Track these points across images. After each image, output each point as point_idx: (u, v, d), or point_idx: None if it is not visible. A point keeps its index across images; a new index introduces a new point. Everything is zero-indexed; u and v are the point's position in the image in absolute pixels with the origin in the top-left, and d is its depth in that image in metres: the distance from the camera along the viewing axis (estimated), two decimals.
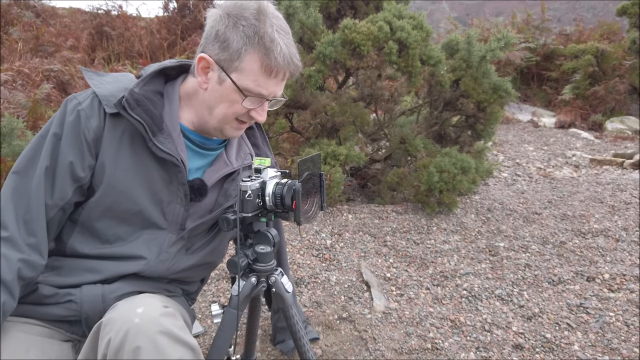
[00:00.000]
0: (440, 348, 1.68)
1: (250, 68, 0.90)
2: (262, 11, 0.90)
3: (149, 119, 0.91)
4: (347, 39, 2.60)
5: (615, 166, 4.36)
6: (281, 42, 0.90)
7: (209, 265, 1.16)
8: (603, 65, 6.55)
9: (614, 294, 2.06)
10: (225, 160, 1.06)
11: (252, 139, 1.16)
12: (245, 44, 0.89)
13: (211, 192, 1.04)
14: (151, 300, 0.86)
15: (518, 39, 6.51)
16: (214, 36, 0.91)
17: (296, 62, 0.94)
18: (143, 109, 0.91)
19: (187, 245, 1.04)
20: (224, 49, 0.90)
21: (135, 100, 0.91)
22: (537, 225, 2.76)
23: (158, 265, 0.98)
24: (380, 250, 2.39)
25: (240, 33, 0.89)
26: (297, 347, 1.15)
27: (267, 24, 0.89)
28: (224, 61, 0.91)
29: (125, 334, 0.76)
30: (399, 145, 3.02)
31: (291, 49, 0.92)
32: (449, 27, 8.06)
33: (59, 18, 6.37)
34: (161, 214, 0.98)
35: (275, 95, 0.96)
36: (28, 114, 3.25)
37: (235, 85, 0.91)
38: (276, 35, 0.89)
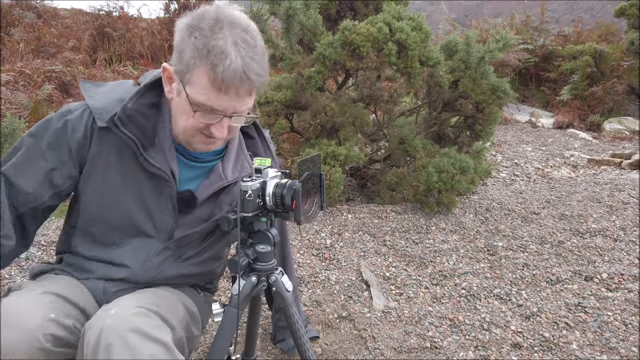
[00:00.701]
0: (439, 347, 1.70)
1: (199, 82, 0.85)
2: (220, 21, 0.84)
3: (140, 134, 0.92)
4: (346, 40, 2.62)
5: (613, 166, 4.38)
6: (233, 56, 0.82)
7: (202, 275, 1.15)
8: (601, 66, 6.58)
9: (612, 294, 2.08)
10: (221, 174, 1.04)
11: (252, 148, 1.13)
12: (194, 57, 0.84)
13: (206, 203, 1.04)
14: (125, 301, 0.88)
15: (516, 40, 6.53)
16: (175, 46, 0.89)
17: (252, 77, 0.85)
18: (135, 124, 0.92)
19: (176, 254, 1.05)
20: (180, 60, 0.87)
21: (128, 117, 0.91)
22: (536, 225, 2.78)
23: (142, 274, 1.00)
24: (380, 249, 2.41)
25: (191, 45, 0.84)
26: (297, 346, 1.17)
27: (220, 35, 0.83)
28: (180, 73, 0.88)
29: (99, 334, 0.79)
30: (398, 145, 3.03)
31: (248, 63, 0.84)
32: (447, 28, 8.08)
33: (60, 19, 6.38)
34: (151, 223, 1.00)
35: (235, 111, 0.89)
36: (30, 114, 3.26)
37: (188, 98, 0.88)
38: (230, 48, 0.83)
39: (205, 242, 1.09)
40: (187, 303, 1.08)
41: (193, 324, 1.09)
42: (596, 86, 6.37)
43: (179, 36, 0.88)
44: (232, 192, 1.07)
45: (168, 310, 0.95)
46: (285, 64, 2.84)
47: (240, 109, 0.91)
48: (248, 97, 0.90)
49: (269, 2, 2.81)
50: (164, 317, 0.90)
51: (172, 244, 1.03)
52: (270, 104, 2.77)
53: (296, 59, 2.77)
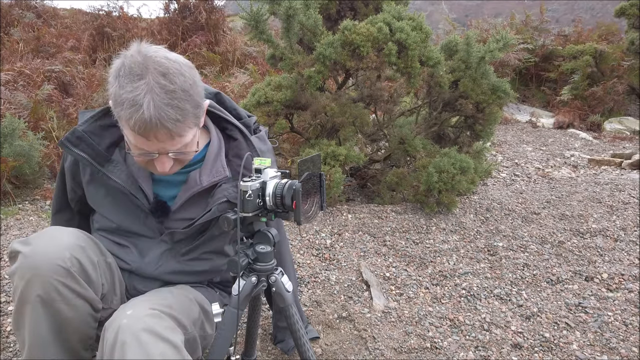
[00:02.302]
0: (439, 347, 1.69)
1: (125, 128, 0.92)
2: (133, 71, 0.87)
3: (92, 152, 1.02)
4: (346, 40, 2.61)
5: (613, 166, 4.37)
6: (145, 105, 0.85)
7: (208, 272, 1.18)
8: (601, 66, 6.57)
9: (613, 294, 2.07)
10: (196, 179, 1.08)
11: (235, 150, 1.13)
12: (115, 107, 0.90)
13: (193, 206, 1.10)
14: (141, 302, 0.96)
15: (517, 39, 6.53)
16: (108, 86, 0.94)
17: (168, 125, 0.87)
18: (86, 143, 1.02)
19: (175, 249, 1.12)
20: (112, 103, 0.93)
21: (77, 138, 1.02)
22: (536, 225, 2.77)
23: (145, 267, 1.10)
24: (380, 249, 2.41)
25: (112, 94, 0.90)
26: (297, 346, 1.16)
27: (134, 85, 0.86)
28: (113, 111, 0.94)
29: (116, 333, 0.87)
30: (399, 145, 3.03)
31: (162, 110, 0.86)
32: (447, 28, 8.08)
33: (60, 19, 6.38)
34: (143, 225, 1.10)
35: (167, 150, 0.93)
36: (29, 114, 3.26)
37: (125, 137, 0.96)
38: (144, 98, 0.85)
39: (199, 238, 1.13)
40: (202, 302, 1.12)
41: (207, 322, 1.13)
42: (596, 86, 6.36)
43: (109, 78, 0.92)
44: (213, 196, 1.10)
45: (182, 312, 1.00)
46: (285, 64, 2.84)
47: (172, 148, 0.93)
48: (171, 139, 0.92)
49: (269, 2, 2.81)
50: (176, 318, 0.96)
51: (167, 237, 1.10)
52: (270, 104, 2.77)
53: (296, 59, 2.77)
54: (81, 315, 0.95)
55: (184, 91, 0.90)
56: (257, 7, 2.75)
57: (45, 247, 0.91)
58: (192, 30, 6.22)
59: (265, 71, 5.36)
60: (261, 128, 1.22)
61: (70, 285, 0.91)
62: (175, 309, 0.98)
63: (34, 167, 2.85)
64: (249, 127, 1.18)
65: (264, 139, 1.19)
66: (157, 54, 0.91)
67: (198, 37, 6.05)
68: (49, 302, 0.90)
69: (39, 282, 0.88)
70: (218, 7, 6.47)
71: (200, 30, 6.21)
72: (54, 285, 0.89)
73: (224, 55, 6.11)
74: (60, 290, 0.90)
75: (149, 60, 0.89)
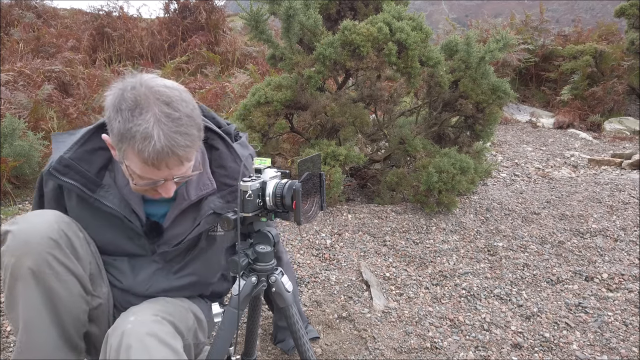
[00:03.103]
0: (439, 347, 1.69)
1: (132, 160, 0.91)
2: (139, 104, 0.87)
3: (82, 179, 1.01)
4: (346, 40, 2.62)
5: (613, 166, 4.37)
6: (156, 136, 0.86)
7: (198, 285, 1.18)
8: (601, 66, 6.57)
9: (613, 294, 2.07)
10: (184, 195, 1.08)
11: (218, 160, 1.12)
12: (121, 141, 0.89)
13: (181, 223, 1.10)
14: (143, 309, 0.98)
15: (517, 40, 6.52)
16: (106, 119, 0.93)
17: (179, 152, 0.89)
18: (75, 171, 1.00)
19: (166, 268, 1.12)
20: (113, 136, 0.91)
21: (65, 166, 1.00)
22: (536, 225, 2.77)
23: (137, 287, 1.10)
24: (380, 249, 2.41)
25: (117, 128, 0.88)
26: (297, 346, 1.16)
27: (141, 119, 0.86)
28: (116, 146, 0.93)
29: (120, 337, 0.89)
30: (399, 145, 3.03)
31: (172, 139, 0.87)
32: (447, 28, 8.07)
33: (60, 19, 6.38)
34: (135, 245, 1.10)
35: (174, 176, 0.94)
36: (29, 114, 3.26)
37: (127, 169, 0.94)
38: (152, 129, 0.86)
39: (190, 254, 1.13)
40: (195, 311, 1.14)
41: (200, 330, 1.15)
42: (596, 86, 6.36)
43: (108, 112, 0.91)
44: (199, 209, 1.10)
45: (180, 320, 1.03)
46: (285, 64, 2.84)
47: (178, 173, 0.94)
48: (181, 165, 0.93)
49: (269, 2, 2.81)
50: (176, 325, 0.99)
51: (158, 258, 1.11)
52: (270, 104, 2.77)
53: (296, 59, 2.77)
54: (72, 295, 0.97)
55: (188, 117, 0.91)
56: (257, 7, 2.75)
57: (34, 223, 0.94)
58: (192, 30, 6.23)
59: (265, 71, 5.37)
60: (241, 135, 1.21)
61: (60, 258, 0.93)
62: (175, 317, 1.01)
63: (34, 167, 2.85)
64: (229, 134, 1.16)
65: (245, 144, 1.19)
66: (156, 83, 0.90)
67: (198, 37, 6.05)
68: (41, 277, 0.92)
69: (30, 255, 0.91)
70: (218, 7, 6.48)
71: (200, 30, 6.21)
72: (44, 258, 0.91)
73: (224, 55, 6.12)
74: (51, 263, 0.92)
75: (150, 91, 0.88)
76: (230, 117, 3.32)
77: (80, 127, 1.14)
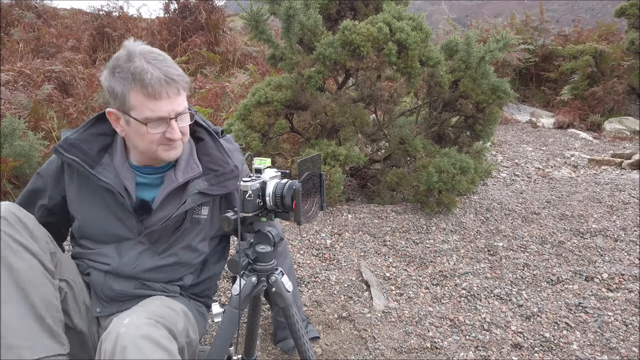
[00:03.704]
0: (439, 347, 1.69)
1: (137, 101, 1.05)
2: (130, 52, 1.05)
3: (83, 155, 1.13)
4: (346, 40, 2.62)
5: (613, 166, 4.37)
6: (151, 69, 1.03)
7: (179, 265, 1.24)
8: (602, 66, 6.57)
9: (613, 294, 2.07)
10: (172, 178, 1.19)
11: (204, 149, 1.24)
12: (125, 86, 1.04)
13: (168, 205, 1.18)
14: (136, 312, 1.01)
15: (517, 39, 6.52)
16: (107, 92, 1.09)
17: (175, 78, 1.06)
18: (77, 149, 1.13)
19: (152, 249, 1.19)
20: (114, 97, 1.07)
21: (69, 144, 1.13)
22: (536, 225, 2.77)
23: (123, 267, 1.17)
24: (380, 249, 2.41)
25: (118, 79, 1.05)
26: (297, 346, 1.17)
27: (135, 60, 1.04)
28: (121, 106, 1.07)
29: (115, 339, 0.92)
30: (399, 145, 3.03)
31: (165, 69, 1.05)
32: (448, 28, 8.07)
33: (60, 19, 6.39)
34: (125, 227, 1.18)
35: (176, 112, 1.08)
36: (29, 114, 3.26)
37: (136, 120, 1.06)
38: (146, 65, 1.03)
39: (175, 234, 1.20)
40: (184, 310, 1.16)
41: (191, 328, 1.16)
42: (596, 86, 6.36)
43: (106, 82, 1.08)
44: (185, 190, 1.19)
45: (172, 322, 1.05)
46: (285, 64, 2.84)
47: (179, 109, 1.09)
48: (178, 96, 1.08)
49: (269, 2, 2.81)
50: (169, 328, 1.01)
51: (144, 239, 1.18)
52: (270, 104, 2.77)
53: (296, 58, 2.77)
54: (36, 273, 0.99)
55: (170, 59, 1.09)
56: (257, 7, 2.75)
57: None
58: (192, 30, 6.23)
59: (265, 71, 5.37)
60: (227, 135, 1.32)
61: (13, 235, 0.98)
62: (168, 319, 1.03)
63: (34, 167, 2.85)
64: (216, 132, 1.28)
65: (230, 140, 1.30)
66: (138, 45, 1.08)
67: (198, 37, 6.05)
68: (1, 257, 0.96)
69: None
70: (218, 7, 6.48)
71: (200, 30, 6.21)
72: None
73: (224, 55, 6.12)
74: (6, 240, 0.97)
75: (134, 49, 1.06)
76: (230, 117, 3.32)
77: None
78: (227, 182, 1.19)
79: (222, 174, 1.19)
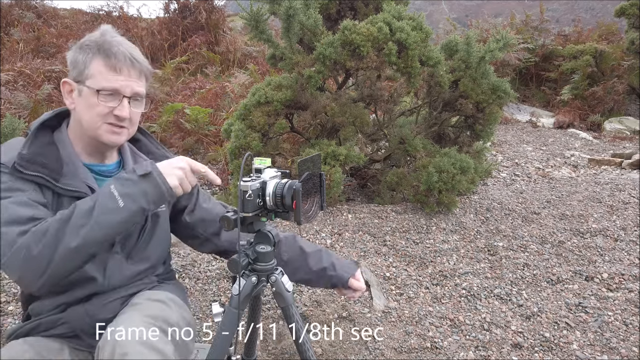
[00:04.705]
0: (439, 347, 1.69)
1: (97, 71, 1.05)
2: (104, 32, 1.08)
3: (45, 170, 1.06)
4: (346, 40, 2.62)
5: (613, 166, 4.37)
6: (120, 47, 1.05)
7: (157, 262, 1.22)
8: (602, 65, 6.57)
9: (613, 294, 2.07)
10: None
11: (144, 148, 1.24)
12: (89, 55, 1.06)
13: None
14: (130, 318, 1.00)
15: (517, 39, 6.52)
16: (69, 63, 1.09)
17: (139, 59, 1.08)
18: (37, 164, 1.06)
19: (124, 254, 1.14)
20: (75, 66, 1.07)
21: (27, 161, 1.05)
22: (536, 225, 2.77)
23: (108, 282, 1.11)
24: (380, 249, 2.41)
25: (85, 50, 1.06)
26: (297, 346, 1.16)
27: (107, 36, 1.06)
28: (78, 75, 1.07)
29: (113, 348, 0.92)
30: (399, 145, 3.03)
31: (131, 51, 1.07)
32: (448, 28, 8.07)
33: (60, 19, 6.38)
34: None
35: (133, 91, 1.06)
36: (29, 114, 3.26)
37: (90, 89, 1.05)
38: (115, 43, 1.05)
39: (142, 232, 1.16)
40: (171, 297, 1.15)
41: (184, 312, 1.16)
42: (596, 86, 6.36)
43: (71, 55, 1.08)
44: None
45: (165, 319, 1.04)
46: (285, 64, 2.84)
47: (137, 89, 1.07)
48: (138, 79, 1.08)
49: (269, 2, 2.81)
50: (163, 329, 1.01)
51: (118, 247, 1.13)
52: (270, 104, 2.77)
53: (296, 58, 2.77)
54: None
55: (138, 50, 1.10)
56: (257, 7, 2.75)
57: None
58: (192, 30, 6.23)
59: (265, 71, 5.37)
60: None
61: None
62: (160, 319, 1.03)
63: None
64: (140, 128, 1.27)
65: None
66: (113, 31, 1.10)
67: (198, 37, 6.06)
68: None
69: None
70: (218, 7, 6.48)
71: (200, 30, 6.21)
72: None
73: (224, 55, 6.12)
74: None
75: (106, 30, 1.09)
76: (231, 117, 3.32)
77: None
78: None
79: None
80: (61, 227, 0.93)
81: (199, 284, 2.03)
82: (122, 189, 0.94)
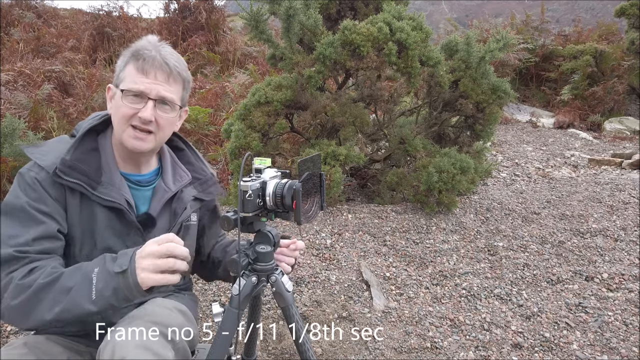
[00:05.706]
0: (439, 347, 1.69)
1: (129, 73, 1.07)
2: (145, 39, 1.11)
3: (84, 177, 1.08)
4: (347, 40, 2.62)
5: (613, 166, 4.37)
6: (154, 52, 1.07)
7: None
8: (602, 65, 6.57)
9: (613, 294, 2.07)
10: (164, 188, 1.18)
11: (185, 158, 1.26)
12: (126, 61, 1.09)
13: (162, 216, 1.17)
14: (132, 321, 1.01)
15: (517, 39, 6.53)
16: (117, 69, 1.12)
17: (170, 64, 1.08)
18: (77, 171, 1.08)
19: None
20: (116, 71, 1.11)
21: (68, 167, 1.07)
22: (536, 225, 2.77)
23: None
24: (380, 249, 2.41)
25: (125, 55, 1.10)
26: (297, 346, 1.16)
27: (143, 42, 1.09)
28: (116, 80, 1.10)
29: (113, 350, 0.93)
30: (399, 145, 3.03)
31: (166, 57, 1.08)
32: (448, 28, 8.08)
33: (60, 19, 6.38)
34: (124, 245, 1.12)
35: (158, 94, 1.06)
36: (29, 114, 3.26)
37: (120, 91, 1.07)
38: (152, 48, 1.07)
39: None
40: (179, 307, 1.16)
41: (189, 323, 1.15)
42: (597, 86, 6.36)
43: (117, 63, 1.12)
44: (180, 199, 1.19)
45: (167, 325, 1.04)
46: (285, 64, 2.84)
47: (163, 94, 1.07)
48: (167, 83, 1.08)
49: (269, 2, 2.81)
50: (164, 333, 1.01)
51: None
52: (270, 104, 2.77)
53: (296, 58, 2.77)
54: None
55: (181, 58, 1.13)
56: (257, 7, 2.75)
57: None
58: (192, 30, 6.23)
59: (265, 71, 5.37)
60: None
61: None
62: (161, 324, 1.03)
63: None
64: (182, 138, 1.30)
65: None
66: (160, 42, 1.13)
67: (198, 37, 6.05)
68: None
69: None
70: (218, 7, 6.48)
71: (200, 30, 6.21)
72: None
73: (224, 55, 6.11)
74: None
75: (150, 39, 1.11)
76: (231, 117, 3.32)
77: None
78: (211, 188, 1.23)
79: (205, 181, 1.23)
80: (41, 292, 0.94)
81: (199, 283, 2.03)
82: (99, 283, 0.94)
